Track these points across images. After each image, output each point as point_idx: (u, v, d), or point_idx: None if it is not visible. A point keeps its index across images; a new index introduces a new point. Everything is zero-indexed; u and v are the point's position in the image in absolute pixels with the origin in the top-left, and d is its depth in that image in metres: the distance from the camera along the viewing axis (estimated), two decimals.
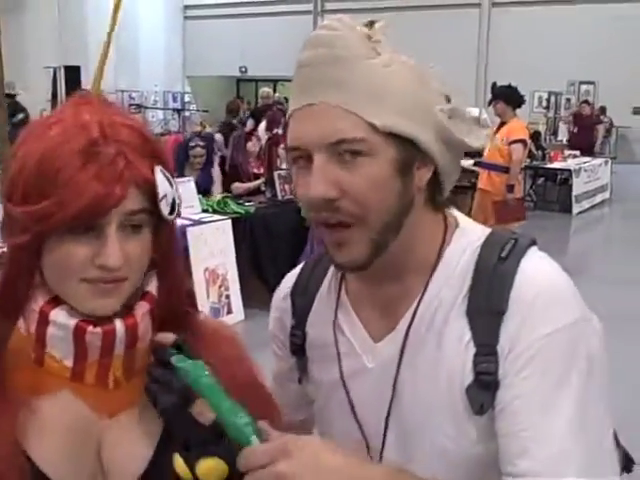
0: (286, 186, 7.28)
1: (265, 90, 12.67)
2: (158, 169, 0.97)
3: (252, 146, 7.89)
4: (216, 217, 6.29)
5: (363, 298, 1.14)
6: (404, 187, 1.01)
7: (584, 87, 20.48)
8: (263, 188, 7.51)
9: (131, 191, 0.93)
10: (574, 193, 12.39)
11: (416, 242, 1.07)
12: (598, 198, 13.49)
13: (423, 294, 1.06)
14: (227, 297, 6.16)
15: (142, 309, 1.01)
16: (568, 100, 20.00)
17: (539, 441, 0.95)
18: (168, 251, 1.04)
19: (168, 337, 1.02)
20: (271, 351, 1.31)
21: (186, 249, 5.58)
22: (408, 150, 1.00)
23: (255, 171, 7.87)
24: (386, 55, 1.02)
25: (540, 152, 13.32)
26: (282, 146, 7.70)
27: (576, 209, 12.42)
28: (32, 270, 0.97)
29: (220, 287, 6.08)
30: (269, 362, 1.30)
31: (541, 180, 13.48)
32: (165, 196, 0.97)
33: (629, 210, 13.08)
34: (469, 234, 1.09)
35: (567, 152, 13.95)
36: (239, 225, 6.37)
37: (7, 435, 0.95)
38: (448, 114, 1.03)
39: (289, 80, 1.06)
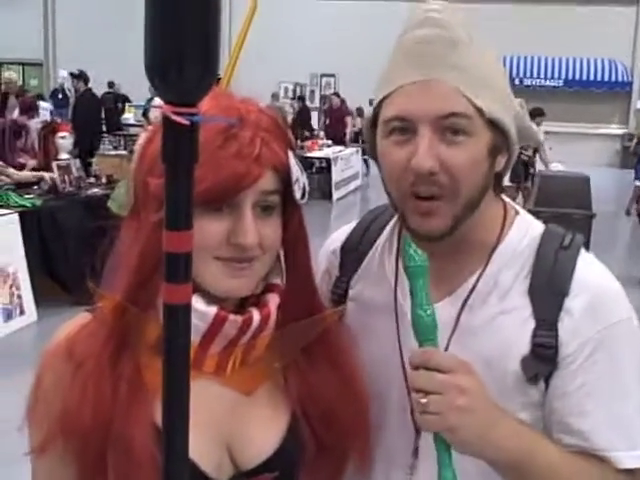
0: (67, 177, 6.82)
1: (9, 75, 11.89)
2: (291, 154, 0.99)
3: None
4: (1, 211, 5.78)
5: None
6: (489, 169, 1.10)
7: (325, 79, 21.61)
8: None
9: (267, 172, 0.95)
10: (333, 180, 13.04)
11: (478, 224, 1.13)
12: (352, 185, 14.34)
13: (483, 271, 1.14)
14: (19, 297, 5.69)
15: (274, 301, 1.02)
16: (312, 92, 21.01)
17: (610, 422, 1.07)
18: (297, 239, 1.05)
19: None
20: None
21: None
22: (499, 137, 1.09)
23: (21, 161, 7.30)
24: (476, 42, 1.09)
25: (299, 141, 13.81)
26: (60, 134, 7.23)
27: (336, 195, 13.08)
28: None
29: (11, 287, 5.60)
30: None
31: None
32: (297, 180, 0.99)
33: (378, 195, 13.94)
34: (529, 221, 1.19)
35: (321, 142, 14.61)
36: (24, 220, 5.89)
37: (145, 419, 0.95)
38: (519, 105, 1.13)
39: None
